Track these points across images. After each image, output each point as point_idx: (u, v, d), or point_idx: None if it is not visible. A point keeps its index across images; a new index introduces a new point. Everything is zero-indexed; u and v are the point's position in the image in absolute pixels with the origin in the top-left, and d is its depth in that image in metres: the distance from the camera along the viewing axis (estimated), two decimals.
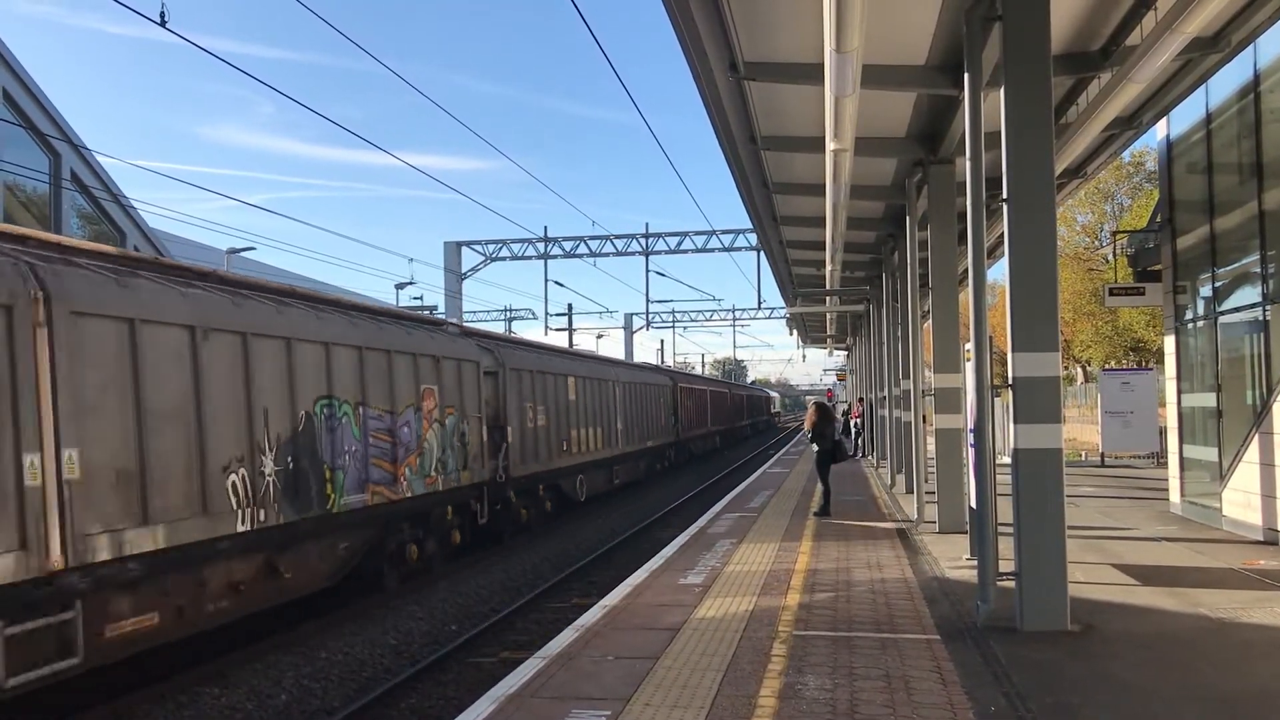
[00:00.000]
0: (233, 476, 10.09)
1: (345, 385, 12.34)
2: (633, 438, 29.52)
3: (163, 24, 10.29)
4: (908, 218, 15.99)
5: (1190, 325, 15.14)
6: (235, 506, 10.11)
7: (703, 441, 46.04)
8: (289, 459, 11.10)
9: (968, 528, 12.29)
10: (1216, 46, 10.63)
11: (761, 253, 40.36)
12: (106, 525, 8.50)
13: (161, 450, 9.16)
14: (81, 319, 8.41)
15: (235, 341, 10.32)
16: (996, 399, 13.45)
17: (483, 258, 50.94)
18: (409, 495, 13.81)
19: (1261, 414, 12.33)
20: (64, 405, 8.13)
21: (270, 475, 10.73)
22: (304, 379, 11.46)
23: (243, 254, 33.66)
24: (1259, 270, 12.70)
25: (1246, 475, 12.69)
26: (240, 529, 10.14)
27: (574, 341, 51.47)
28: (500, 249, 50.82)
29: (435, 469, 14.75)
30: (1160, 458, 23.06)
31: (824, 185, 14.25)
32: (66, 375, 8.18)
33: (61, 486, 8.05)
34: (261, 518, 10.50)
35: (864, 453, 32.70)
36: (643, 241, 50.03)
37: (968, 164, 8.83)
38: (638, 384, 30.77)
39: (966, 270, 9.98)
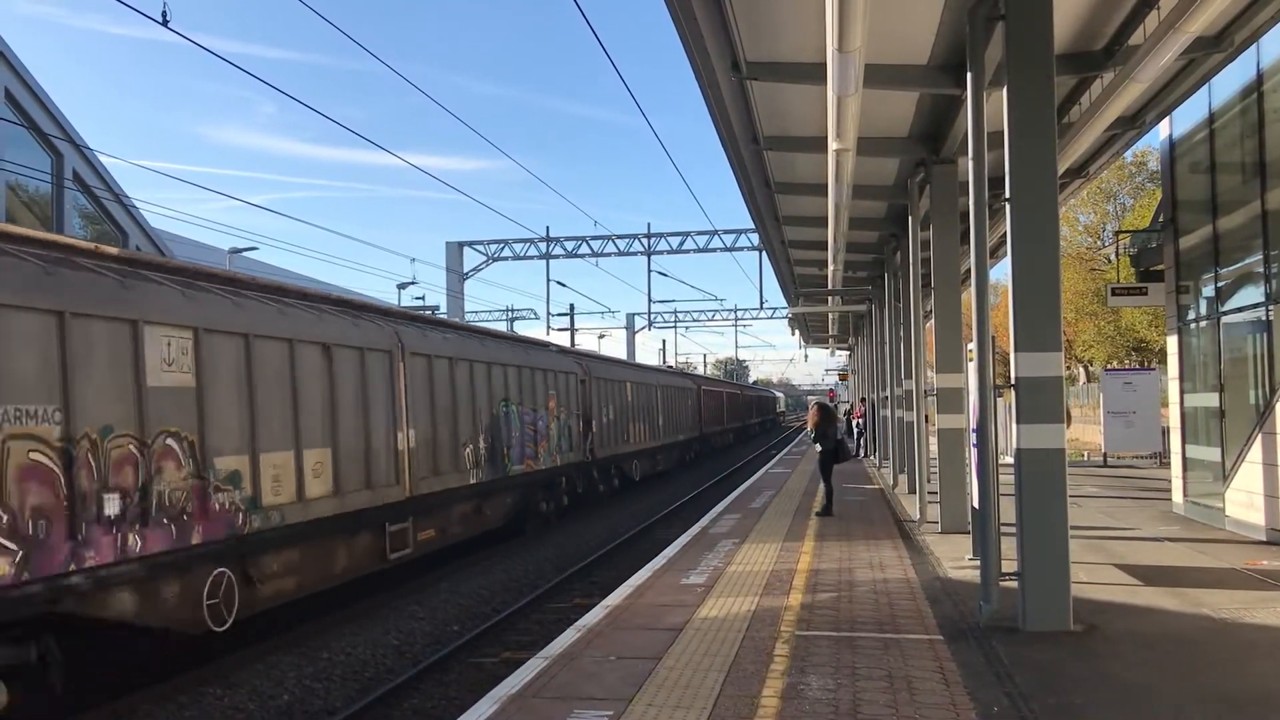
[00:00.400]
0: (468, 449, 16.30)
1: (512, 392, 18.34)
2: (669, 431, 34.99)
3: (165, 24, 10.29)
4: (910, 217, 15.99)
5: (1193, 325, 15.12)
6: (469, 467, 16.28)
7: (720, 437, 51.70)
8: (489, 439, 17.21)
9: (970, 528, 12.28)
10: (1219, 46, 10.62)
11: (764, 253, 40.37)
12: (421, 475, 14.47)
13: (441, 433, 15.35)
14: (414, 358, 14.62)
15: (475, 366, 16.84)
16: (999, 399, 13.45)
17: (485, 258, 51.02)
18: (543, 468, 19.94)
19: (1264, 414, 12.31)
20: (409, 406, 14.27)
21: (482, 449, 16.90)
22: (495, 389, 17.62)
23: (245, 254, 33.69)
24: (1262, 270, 12.68)
25: (1249, 475, 12.67)
26: (471, 482, 16.35)
27: (575, 341, 51.43)
28: (502, 249, 50.89)
29: (556, 450, 20.96)
30: (1163, 458, 23.04)
31: (826, 185, 14.25)
32: (406, 390, 14.21)
33: (408, 452, 14.09)
34: (479, 475, 16.67)
35: (865, 453, 32.70)
36: (645, 241, 50.10)
37: (970, 164, 8.83)
38: (672, 387, 36.25)
39: (968, 270, 9.98)
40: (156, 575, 9.33)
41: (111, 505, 8.70)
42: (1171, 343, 15.79)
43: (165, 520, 9.31)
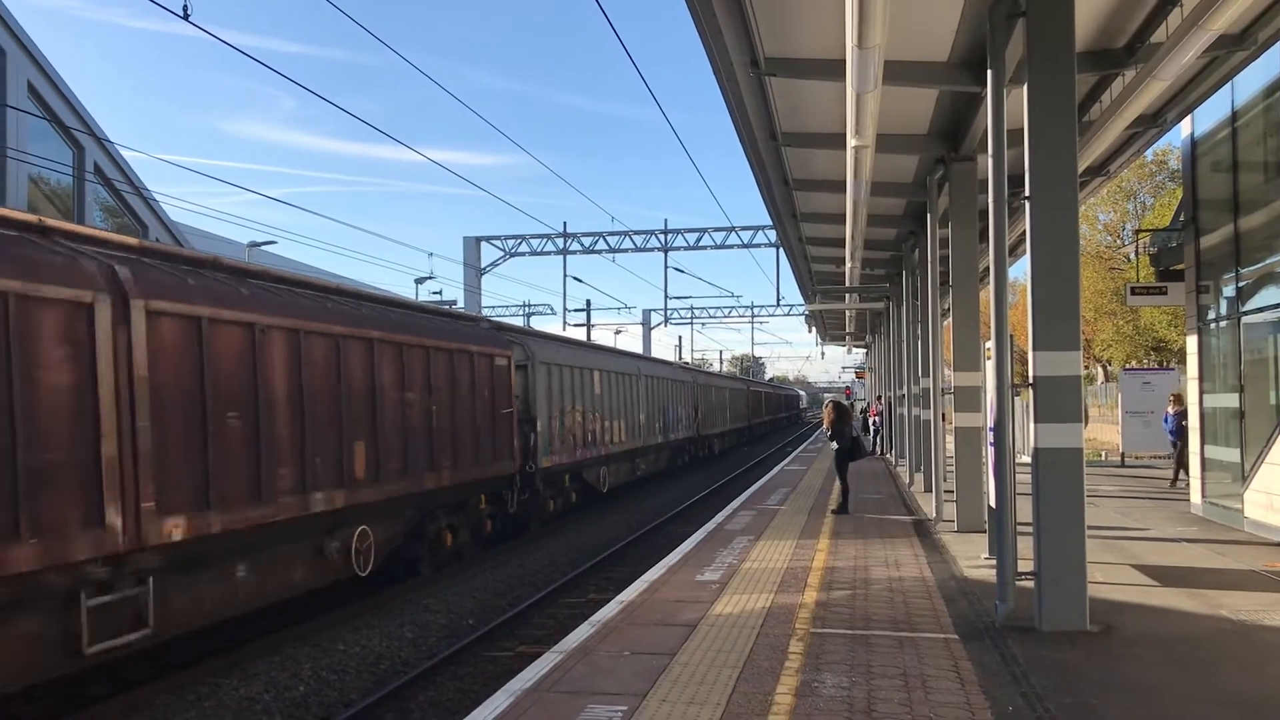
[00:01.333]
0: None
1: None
2: (726, 420, 45.88)
3: (186, 18, 10.34)
4: (929, 215, 15.92)
5: (1213, 325, 15.02)
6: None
7: (762, 426, 65.98)
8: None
9: (986, 527, 12.24)
10: (1243, 44, 10.53)
11: (781, 249, 40.28)
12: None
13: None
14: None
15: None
16: (1016, 398, 13.38)
17: (502, 253, 51.07)
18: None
19: None
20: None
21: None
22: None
23: (263, 248, 33.83)
24: None
25: (1269, 477, 12.58)
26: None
27: (591, 337, 51.47)
28: (519, 244, 50.93)
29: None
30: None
31: (844, 182, 14.21)
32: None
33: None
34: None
35: (881, 451, 32.62)
36: (661, 237, 50.05)
37: (990, 161, 8.78)
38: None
39: (987, 268, 9.93)
40: None
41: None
42: (1191, 342, 15.69)
43: None
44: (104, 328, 8.31)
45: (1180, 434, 19.26)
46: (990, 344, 9.29)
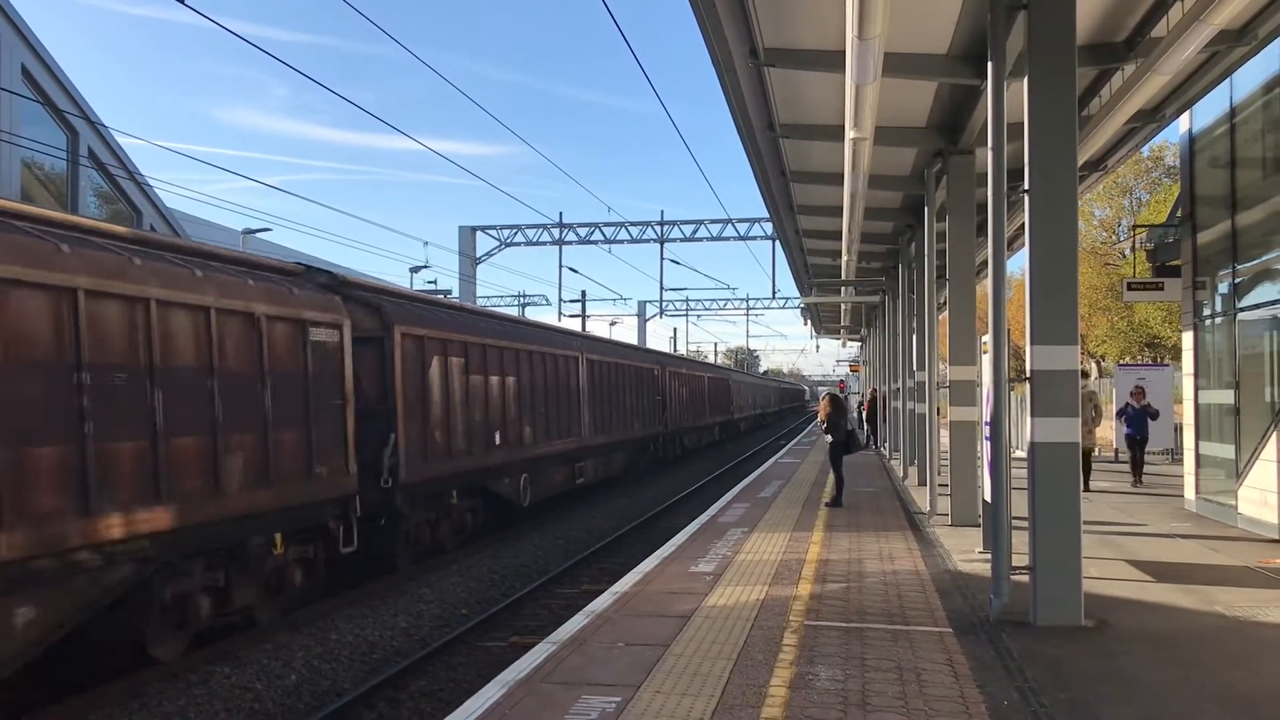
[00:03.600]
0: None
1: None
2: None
3: (183, 1, 10.27)
4: (926, 208, 15.89)
5: (1209, 321, 15.01)
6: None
7: (772, 414, 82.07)
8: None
9: (980, 521, 12.23)
10: (1243, 39, 10.52)
11: (777, 242, 40.22)
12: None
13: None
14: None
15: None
16: (1010, 392, 13.35)
17: (497, 243, 50.93)
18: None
19: None
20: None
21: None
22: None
23: (258, 235, 33.72)
24: None
25: (1264, 473, 12.59)
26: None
27: (586, 327, 51.40)
28: (515, 234, 50.80)
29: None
30: (1176, 454, 22.92)
31: (842, 174, 14.19)
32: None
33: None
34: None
35: (876, 444, 32.60)
36: (658, 229, 49.93)
37: (989, 154, 8.74)
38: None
39: (984, 262, 9.91)
40: None
41: None
42: (1187, 339, 15.68)
43: None
44: None
45: (1140, 429, 18.99)
46: (987, 338, 9.27)
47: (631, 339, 58.88)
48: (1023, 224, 8.51)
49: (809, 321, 55.94)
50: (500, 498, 17.77)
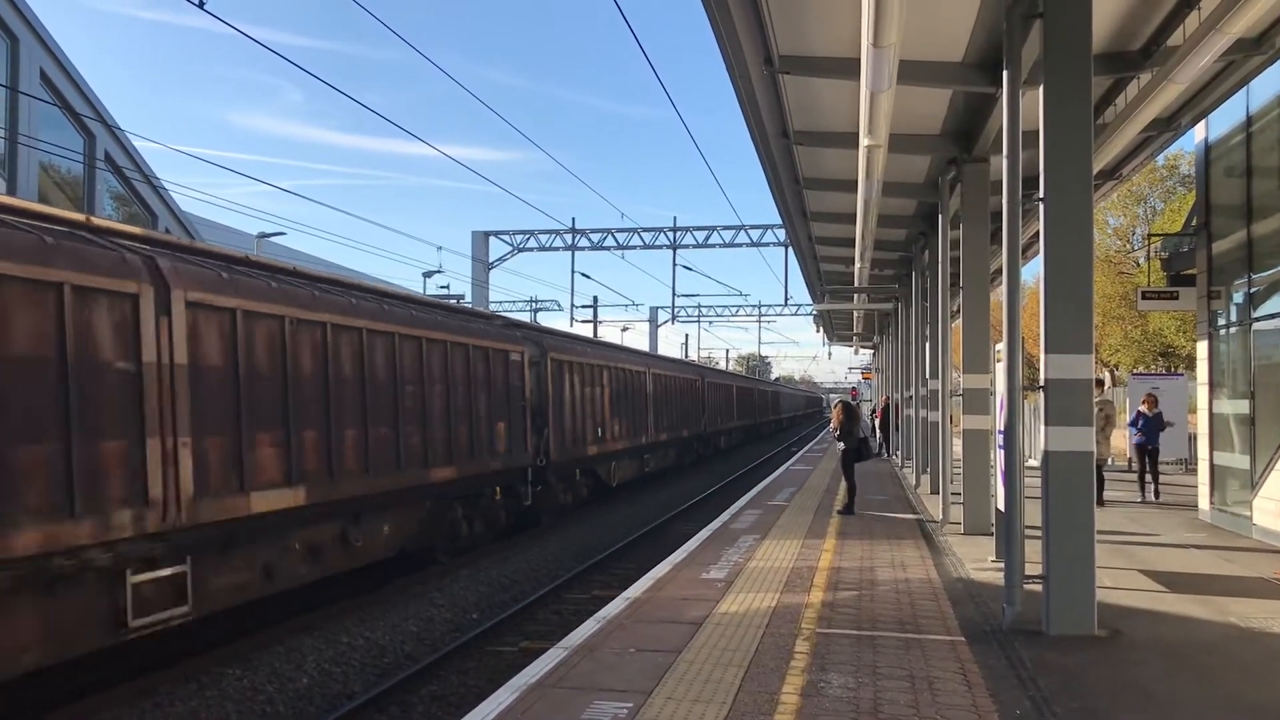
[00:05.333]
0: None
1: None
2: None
3: (201, 6, 10.32)
4: (940, 216, 15.86)
5: (1224, 331, 14.95)
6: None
7: (797, 418, 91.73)
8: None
9: (993, 529, 12.19)
10: (1260, 48, 10.47)
11: (790, 249, 40.17)
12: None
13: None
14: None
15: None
16: (1024, 401, 13.30)
17: (510, 248, 50.98)
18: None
19: None
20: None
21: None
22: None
23: (272, 239, 33.84)
24: None
25: (1278, 483, 12.52)
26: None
27: (598, 333, 51.44)
28: (528, 239, 50.85)
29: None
30: (1190, 464, 22.80)
31: (856, 181, 14.16)
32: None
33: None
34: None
35: (888, 452, 32.52)
36: (670, 235, 49.92)
37: (1004, 162, 8.73)
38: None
39: (997, 270, 9.88)
40: None
41: None
42: (1201, 348, 15.61)
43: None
44: None
45: (1152, 438, 18.19)
46: (1001, 346, 9.25)
47: (643, 345, 58.88)
48: (1037, 232, 8.48)
49: (821, 328, 55.82)
50: (599, 478, 23.57)
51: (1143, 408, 18.49)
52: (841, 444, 16.89)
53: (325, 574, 11.85)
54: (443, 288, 50.48)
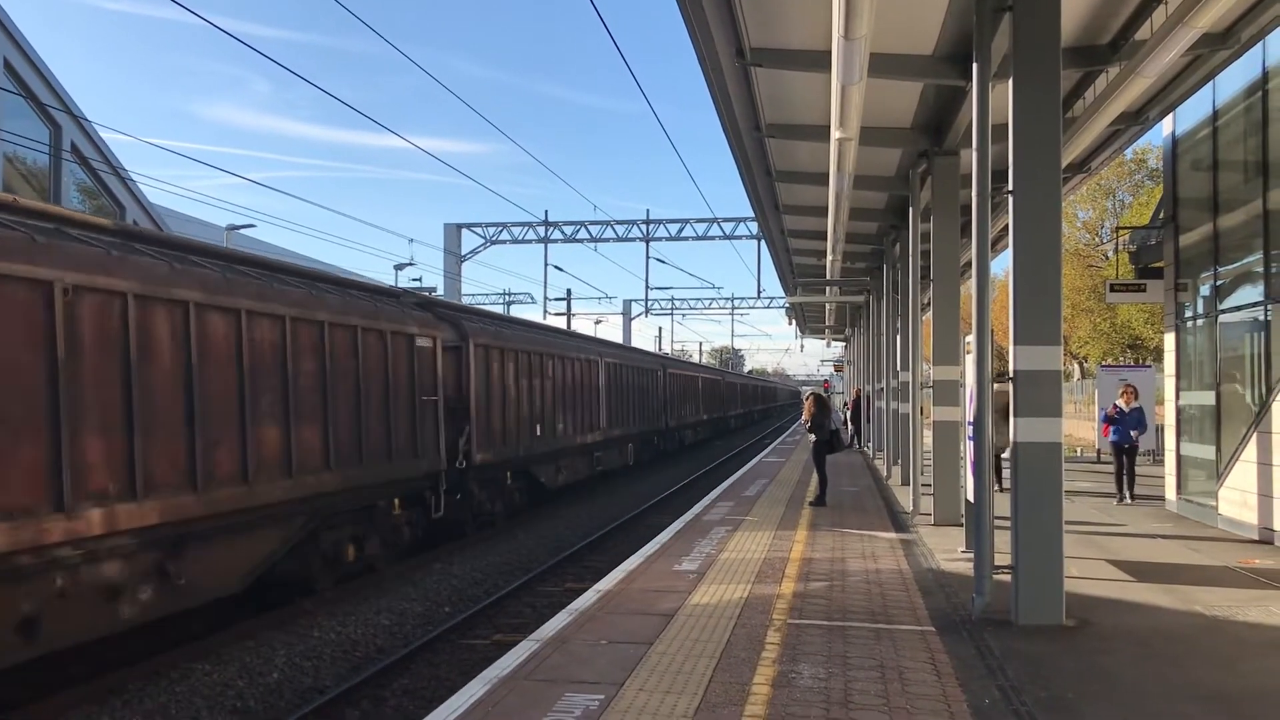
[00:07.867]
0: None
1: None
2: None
3: None
4: (911, 209, 15.95)
5: (1191, 323, 15.11)
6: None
7: (772, 411, 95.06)
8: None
9: (963, 521, 12.28)
10: (1226, 43, 10.58)
11: (762, 241, 40.29)
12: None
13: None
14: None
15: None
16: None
17: (483, 240, 50.81)
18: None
19: (1260, 413, 12.31)
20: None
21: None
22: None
23: (242, 231, 33.58)
24: (1261, 269, 12.67)
25: (1244, 474, 12.68)
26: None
27: (572, 325, 51.36)
28: (500, 232, 50.68)
29: None
30: (1157, 455, 23.05)
31: (828, 174, 14.20)
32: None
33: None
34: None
35: (859, 444, 32.70)
36: (644, 228, 49.91)
37: (973, 156, 8.77)
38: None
39: (968, 263, 9.95)
40: None
41: None
42: (1169, 340, 15.77)
43: None
44: None
45: (1124, 436, 16.33)
46: (971, 338, 9.30)
47: (616, 337, 58.89)
48: (1006, 225, 8.55)
49: (794, 321, 56.02)
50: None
51: (1120, 401, 16.65)
52: (813, 436, 16.94)
53: (135, 623, 9.14)
54: (415, 280, 50.31)
